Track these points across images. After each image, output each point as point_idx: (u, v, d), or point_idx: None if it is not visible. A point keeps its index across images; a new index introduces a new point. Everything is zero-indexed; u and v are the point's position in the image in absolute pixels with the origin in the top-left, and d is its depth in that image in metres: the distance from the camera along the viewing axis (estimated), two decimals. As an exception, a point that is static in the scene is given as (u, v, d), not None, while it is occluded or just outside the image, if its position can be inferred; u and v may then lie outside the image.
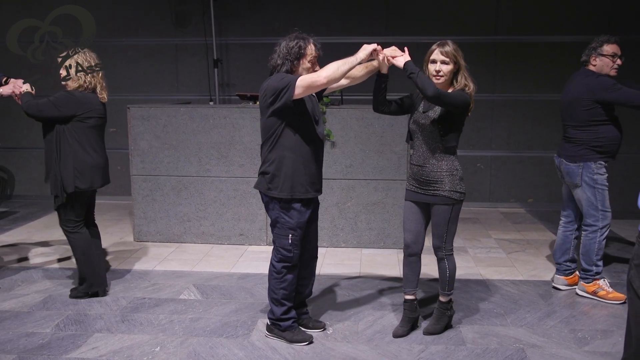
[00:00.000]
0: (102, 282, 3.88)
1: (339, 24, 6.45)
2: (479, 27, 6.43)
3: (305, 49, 3.03)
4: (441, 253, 3.25)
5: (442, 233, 3.19)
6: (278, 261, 3.13)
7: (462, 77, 3.12)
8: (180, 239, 5.16)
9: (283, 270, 3.12)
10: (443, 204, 3.14)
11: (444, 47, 3.09)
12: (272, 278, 3.16)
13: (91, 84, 3.67)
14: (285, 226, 3.08)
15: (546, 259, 4.72)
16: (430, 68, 3.13)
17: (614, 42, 3.71)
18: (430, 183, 3.14)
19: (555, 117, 6.51)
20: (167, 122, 5.03)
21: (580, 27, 6.32)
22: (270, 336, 3.26)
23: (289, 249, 3.09)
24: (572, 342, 3.21)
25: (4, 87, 3.70)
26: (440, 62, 3.09)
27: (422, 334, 3.28)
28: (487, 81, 6.52)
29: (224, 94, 6.78)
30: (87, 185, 3.68)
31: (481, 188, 6.66)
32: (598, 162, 3.70)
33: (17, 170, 7.12)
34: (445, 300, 3.31)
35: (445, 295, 3.30)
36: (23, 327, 3.40)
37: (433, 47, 3.13)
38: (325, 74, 2.92)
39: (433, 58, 3.12)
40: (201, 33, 6.58)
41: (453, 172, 3.13)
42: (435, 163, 3.12)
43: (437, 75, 3.10)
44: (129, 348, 3.14)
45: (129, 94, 6.67)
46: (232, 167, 5.03)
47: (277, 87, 2.96)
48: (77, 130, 3.64)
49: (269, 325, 3.27)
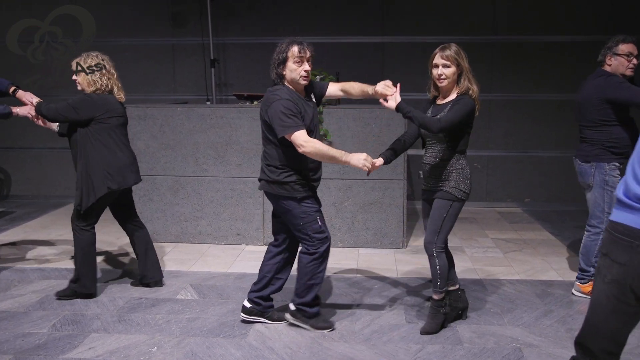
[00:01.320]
0: (94, 286, 3.87)
1: (336, 23, 6.45)
2: (476, 27, 6.44)
3: (287, 52, 3.08)
4: (431, 249, 3.22)
5: (436, 228, 3.20)
6: (317, 248, 3.24)
7: (465, 79, 3.15)
8: (177, 238, 5.16)
9: (325, 254, 3.27)
10: (443, 199, 3.20)
11: (445, 51, 3.13)
12: (311, 265, 3.26)
13: (107, 86, 3.74)
14: (310, 212, 3.20)
15: (543, 258, 4.73)
16: (433, 72, 3.19)
17: (630, 41, 3.72)
18: (438, 180, 3.22)
19: (553, 117, 6.56)
20: (164, 122, 5.03)
21: (579, 27, 6.33)
22: (294, 321, 3.38)
23: (323, 229, 3.24)
24: (569, 341, 3.21)
25: (20, 108, 3.81)
26: (442, 66, 3.13)
27: (419, 334, 3.28)
28: (485, 81, 6.52)
29: (221, 93, 6.78)
30: (117, 186, 3.72)
31: (478, 188, 6.67)
32: (612, 164, 3.67)
33: (14, 170, 7.11)
34: (438, 297, 3.31)
35: (437, 293, 3.30)
36: (19, 327, 3.39)
37: (435, 51, 3.18)
38: (309, 148, 3.03)
39: (435, 62, 3.16)
40: (198, 33, 6.57)
41: (459, 170, 3.20)
42: (446, 162, 3.20)
43: (440, 79, 3.15)
44: (126, 348, 3.14)
45: (126, 93, 6.65)
46: (229, 167, 5.02)
47: (276, 124, 3.08)
48: (100, 132, 3.68)
49: (293, 311, 3.38)
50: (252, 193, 5.01)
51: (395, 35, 6.31)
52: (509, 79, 6.52)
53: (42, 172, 7.02)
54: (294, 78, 3.11)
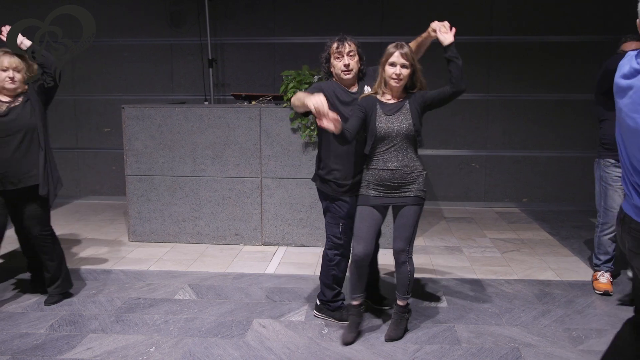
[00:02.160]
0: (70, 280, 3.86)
1: (334, 24, 6.45)
2: (474, 27, 6.45)
3: (328, 50, 3.24)
4: (404, 256, 3.15)
5: (409, 235, 3.11)
6: (328, 249, 3.41)
7: (419, 79, 3.08)
8: (175, 239, 5.15)
9: (335, 259, 3.41)
10: (414, 204, 3.09)
11: (404, 49, 3.00)
12: (323, 264, 3.45)
13: None
14: (335, 215, 3.32)
15: (541, 258, 4.73)
16: (388, 71, 3.02)
17: (630, 39, 3.80)
18: (404, 185, 3.08)
19: (551, 117, 6.57)
20: (162, 122, 5.02)
21: (575, 28, 6.35)
22: (319, 315, 3.52)
23: (340, 237, 3.34)
24: (567, 341, 3.22)
25: None
26: (400, 66, 2.99)
27: (384, 341, 3.21)
28: (482, 81, 6.54)
29: (219, 94, 6.78)
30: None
31: (476, 188, 6.68)
32: (606, 160, 3.80)
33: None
34: (403, 304, 3.25)
35: (403, 299, 3.24)
36: (17, 327, 3.38)
37: (391, 49, 3.01)
38: (292, 98, 3.16)
39: (392, 61, 3.00)
40: (196, 33, 6.57)
41: (422, 171, 3.12)
42: (410, 164, 3.07)
43: (397, 79, 3.01)
44: (124, 348, 3.13)
45: (123, 94, 6.66)
46: (227, 167, 5.02)
47: None
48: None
49: (318, 305, 3.52)
50: (250, 193, 5.01)
51: (393, 35, 6.31)
52: (506, 79, 6.52)
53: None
54: (337, 73, 3.21)
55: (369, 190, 3.13)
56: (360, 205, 3.17)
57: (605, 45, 6.22)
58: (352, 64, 3.17)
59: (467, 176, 6.66)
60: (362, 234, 3.13)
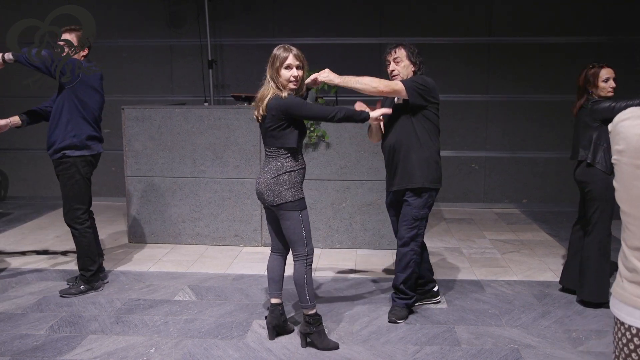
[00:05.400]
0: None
1: (333, 25, 6.45)
2: (472, 28, 6.46)
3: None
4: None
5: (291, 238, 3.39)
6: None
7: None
8: (175, 240, 5.15)
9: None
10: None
11: (295, 50, 2.94)
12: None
13: None
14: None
15: (540, 259, 4.73)
16: (285, 74, 2.93)
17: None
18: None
19: (550, 118, 6.57)
20: (162, 123, 5.02)
21: (573, 29, 6.35)
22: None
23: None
24: (567, 342, 3.23)
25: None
26: (295, 68, 2.93)
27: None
28: (481, 82, 6.54)
29: (219, 95, 6.78)
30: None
31: (475, 189, 6.68)
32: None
33: (10, 171, 7.09)
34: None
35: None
36: (17, 329, 3.38)
37: (281, 53, 2.93)
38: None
39: (288, 63, 2.92)
40: (196, 34, 6.57)
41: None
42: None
43: (295, 82, 2.95)
44: (124, 349, 3.13)
45: (123, 95, 6.65)
46: (226, 168, 5.02)
47: None
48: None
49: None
50: (250, 194, 5.00)
51: (392, 36, 6.31)
52: (505, 80, 6.53)
53: (39, 173, 7.01)
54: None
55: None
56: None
57: (605, 46, 6.23)
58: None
59: (466, 177, 6.66)
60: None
